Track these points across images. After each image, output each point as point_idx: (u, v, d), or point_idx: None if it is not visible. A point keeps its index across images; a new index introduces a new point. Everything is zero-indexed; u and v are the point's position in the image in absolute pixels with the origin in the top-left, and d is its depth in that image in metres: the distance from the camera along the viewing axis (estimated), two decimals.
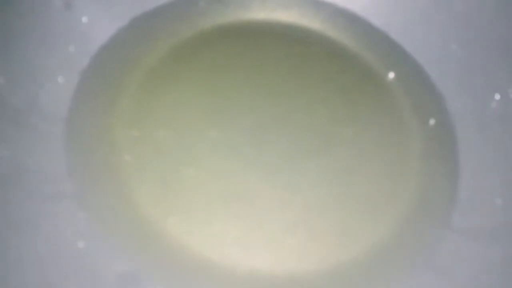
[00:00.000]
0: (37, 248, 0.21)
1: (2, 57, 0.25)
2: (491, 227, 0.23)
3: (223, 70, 0.28)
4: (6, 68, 0.25)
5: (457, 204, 0.24)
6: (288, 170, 0.25)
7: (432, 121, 0.28)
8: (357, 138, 0.27)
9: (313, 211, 0.24)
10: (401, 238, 0.24)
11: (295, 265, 0.23)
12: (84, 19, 0.28)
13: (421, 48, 0.30)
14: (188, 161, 0.25)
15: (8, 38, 0.25)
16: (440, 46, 0.29)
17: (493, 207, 0.24)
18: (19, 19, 0.26)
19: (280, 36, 0.31)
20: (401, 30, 0.31)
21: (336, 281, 0.23)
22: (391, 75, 0.30)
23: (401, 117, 0.28)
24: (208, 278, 0.22)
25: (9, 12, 0.26)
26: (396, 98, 0.29)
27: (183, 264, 0.22)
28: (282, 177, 0.25)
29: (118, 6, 0.28)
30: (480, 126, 0.26)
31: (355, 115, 0.28)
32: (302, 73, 0.29)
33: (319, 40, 0.31)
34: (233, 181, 0.24)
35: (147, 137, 0.25)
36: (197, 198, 0.24)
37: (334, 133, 0.27)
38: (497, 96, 0.26)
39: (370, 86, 0.29)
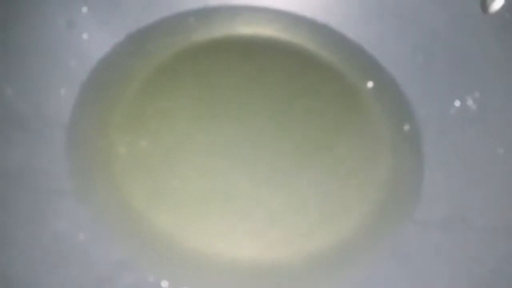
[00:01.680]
0: (42, 240, 0.23)
1: (10, 70, 0.27)
2: (447, 220, 0.25)
3: (212, 81, 0.31)
4: (14, 80, 0.27)
5: (420, 199, 0.27)
6: (268, 169, 0.28)
7: (406, 127, 0.31)
8: (334, 142, 0.29)
9: (291, 207, 0.27)
10: (370, 230, 0.27)
11: (274, 255, 0.25)
12: (85, 36, 0.30)
13: (392, 60, 0.33)
14: (178, 162, 0.27)
15: (16, 53, 0.28)
16: (409, 58, 0.32)
17: (450, 202, 0.26)
18: (26, 36, 0.28)
19: (263, 49, 0.33)
20: (374, 43, 0.33)
21: (311, 269, 0.25)
22: (369, 84, 0.33)
23: (374, 123, 0.31)
24: (194, 266, 0.24)
25: (18, 29, 0.28)
26: (372, 105, 0.32)
27: (172, 253, 0.25)
28: (263, 176, 0.27)
29: (115, 23, 0.31)
30: (442, 129, 0.29)
31: (333, 121, 0.30)
32: (285, 83, 0.32)
33: (299, 52, 0.34)
34: (218, 179, 0.27)
35: (141, 142, 0.28)
36: (186, 195, 0.26)
37: (312, 137, 0.29)
38: (457, 103, 0.29)
39: (347, 95, 0.32)
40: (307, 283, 0.25)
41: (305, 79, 0.32)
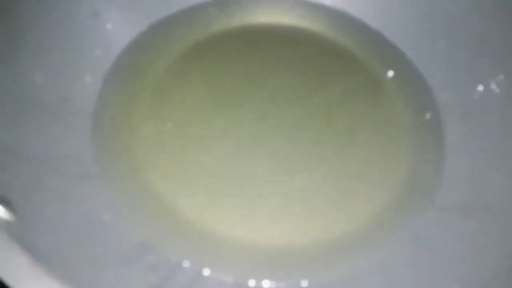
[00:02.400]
0: (69, 220, 0.24)
1: (39, 58, 0.28)
2: (470, 205, 0.25)
3: (231, 69, 0.31)
4: (42, 68, 0.28)
5: (441, 185, 0.27)
6: (287, 156, 0.28)
7: (428, 115, 0.31)
8: (355, 129, 0.29)
9: (311, 192, 0.27)
10: (390, 216, 0.26)
11: (293, 239, 0.26)
12: (109, 26, 0.31)
13: (413, 47, 0.33)
14: (199, 148, 0.28)
15: (44, 42, 0.29)
16: (430, 44, 0.32)
17: (473, 187, 0.26)
18: (53, 26, 0.29)
19: (282, 38, 0.34)
20: (394, 31, 0.33)
21: (330, 252, 0.25)
22: (390, 73, 0.32)
23: (396, 111, 0.31)
24: (214, 248, 0.25)
25: (46, 20, 0.29)
26: (392, 93, 0.32)
27: (193, 236, 0.25)
28: (282, 162, 0.28)
29: (138, 13, 0.32)
30: (465, 115, 0.28)
31: (354, 109, 0.30)
32: (304, 71, 0.32)
33: (319, 41, 0.34)
34: (237, 165, 0.27)
35: (162, 128, 0.29)
36: (206, 180, 0.27)
37: (333, 123, 0.29)
38: (480, 87, 0.29)
39: (368, 83, 0.32)
40: (326, 267, 0.25)
41: (324, 67, 0.32)
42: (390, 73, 0.32)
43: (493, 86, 0.28)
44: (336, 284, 0.24)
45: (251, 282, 0.24)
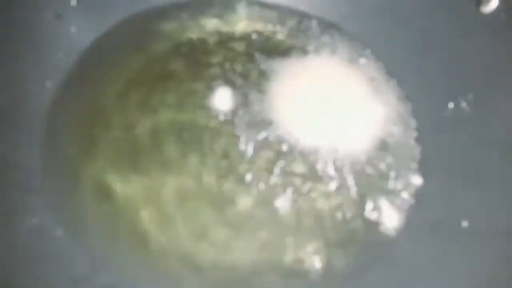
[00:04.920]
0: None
1: None
2: (439, 223, 0.25)
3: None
4: None
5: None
6: None
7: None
8: None
9: None
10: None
11: None
12: (72, 29, 0.30)
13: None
14: (164, 155, 0.26)
15: (2, 45, 0.27)
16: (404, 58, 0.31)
17: (443, 205, 0.26)
18: (12, 28, 0.28)
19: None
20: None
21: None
22: None
23: None
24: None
25: (5, 21, 0.28)
26: None
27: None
28: None
29: (101, 16, 0.30)
30: (436, 131, 0.28)
31: None
32: None
33: None
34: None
35: (124, 134, 0.27)
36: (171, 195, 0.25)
37: None
38: (451, 105, 0.28)
39: None
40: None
41: None
42: None
43: (463, 104, 0.28)
44: None
45: None
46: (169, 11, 0.32)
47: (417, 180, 0.27)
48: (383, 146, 0.28)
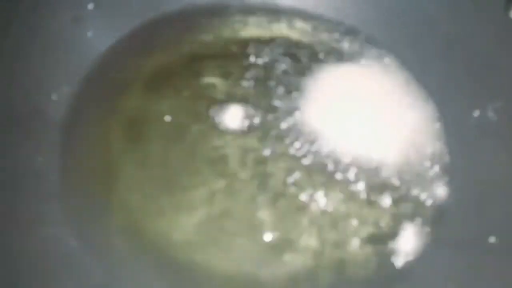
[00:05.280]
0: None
1: (11, 67, 0.26)
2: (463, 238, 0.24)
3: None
4: (14, 77, 0.26)
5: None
6: None
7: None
8: None
9: None
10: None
11: None
12: (89, 33, 0.30)
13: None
14: (177, 168, 0.26)
15: (20, 49, 0.27)
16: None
17: (466, 219, 0.25)
18: (29, 32, 0.28)
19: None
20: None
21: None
22: None
23: None
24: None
25: (22, 25, 0.27)
26: None
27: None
28: None
29: (120, 20, 0.30)
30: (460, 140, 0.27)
31: None
32: None
33: None
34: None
35: (142, 143, 0.27)
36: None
37: None
38: (476, 113, 0.27)
39: None
40: None
41: None
42: None
43: (490, 113, 0.27)
44: None
45: None
46: (188, 15, 0.32)
47: (442, 192, 0.26)
48: (408, 156, 0.27)
